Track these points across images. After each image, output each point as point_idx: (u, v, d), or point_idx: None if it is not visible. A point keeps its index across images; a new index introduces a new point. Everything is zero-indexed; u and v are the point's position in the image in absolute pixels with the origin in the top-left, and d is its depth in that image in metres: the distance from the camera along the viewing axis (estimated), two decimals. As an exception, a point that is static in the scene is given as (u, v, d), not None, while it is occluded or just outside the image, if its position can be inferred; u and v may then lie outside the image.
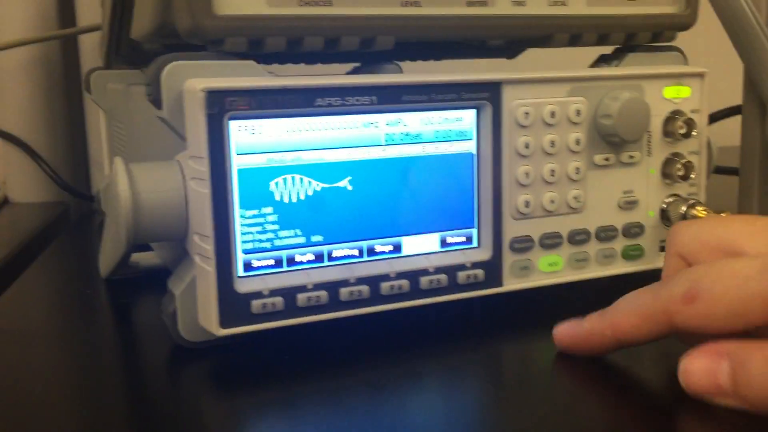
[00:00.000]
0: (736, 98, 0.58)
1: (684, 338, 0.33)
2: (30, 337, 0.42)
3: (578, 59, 0.47)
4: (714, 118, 0.52)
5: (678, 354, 0.31)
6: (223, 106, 0.35)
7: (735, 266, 0.29)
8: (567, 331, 0.36)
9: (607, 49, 0.47)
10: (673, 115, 0.44)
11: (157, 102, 0.36)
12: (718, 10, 0.58)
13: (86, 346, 0.42)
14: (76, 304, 0.50)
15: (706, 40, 0.56)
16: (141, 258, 0.51)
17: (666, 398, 0.33)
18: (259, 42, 0.37)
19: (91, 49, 0.78)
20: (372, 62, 0.42)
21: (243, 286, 0.36)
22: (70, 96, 0.80)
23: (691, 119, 0.44)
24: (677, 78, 0.44)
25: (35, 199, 0.79)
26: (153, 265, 0.50)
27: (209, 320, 0.36)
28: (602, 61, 0.47)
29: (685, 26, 0.45)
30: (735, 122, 0.57)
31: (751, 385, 0.28)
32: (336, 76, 0.37)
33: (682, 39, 0.47)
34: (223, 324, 0.36)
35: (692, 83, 0.45)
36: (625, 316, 0.33)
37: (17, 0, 0.76)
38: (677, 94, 0.44)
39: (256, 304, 0.36)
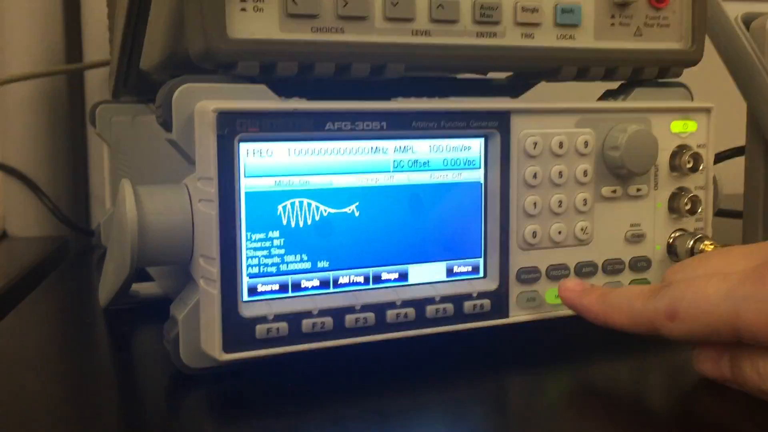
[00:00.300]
0: (740, 139, 0.58)
1: None
2: (26, 364, 0.41)
3: (584, 96, 0.47)
4: (717, 158, 0.53)
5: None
6: (233, 128, 0.35)
7: (707, 290, 0.32)
8: (569, 294, 0.39)
9: (613, 86, 0.48)
10: (680, 150, 0.44)
11: (167, 124, 0.36)
12: (720, 50, 0.59)
13: (84, 373, 0.41)
14: (74, 333, 0.49)
15: (709, 82, 0.57)
16: (141, 288, 0.50)
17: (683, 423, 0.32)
18: (270, 66, 0.37)
19: (96, 84, 0.79)
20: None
21: (248, 311, 0.36)
22: (73, 131, 0.80)
23: (697, 153, 0.44)
24: (684, 112, 0.44)
25: (34, 234, 0.79)
26: (153, 295, 0.50)
27: (212, 345, 0.35)
28: (608, 96, 0.47)
29: (691, 62, 0.46)
30: (737, 167, 0.58)
31: (746, 381, 0.33)
32: (346, 101, 0.37)
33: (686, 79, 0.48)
34: (227, 349, 0.35)
35: (699, 118, 0.45)
36: (617, 313, 0.36)
37: (25, 34, 0.76)
38: (684, 128, 0.44)
39: (260, 329, 0.36)
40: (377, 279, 0.39)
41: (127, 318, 0.49)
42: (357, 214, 0.38)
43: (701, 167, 0.44)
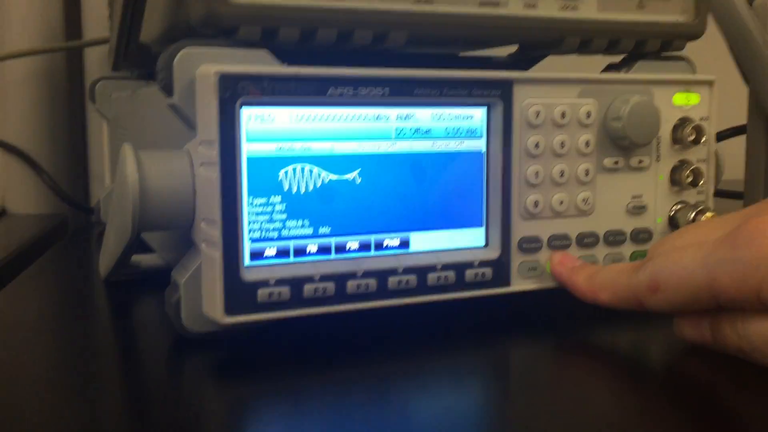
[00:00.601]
0: (741, 118, 0.58)
1: None
2: (24, 332, 0.41)
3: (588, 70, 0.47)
4: (718, 137, 0.52)
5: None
6: (235, 91, 0.34)
7: (684, 260, 0.33)
8: (560, 268, 0.41)
9: (616, 60, 0.47)
10: (682, 122, 0.44)
11: (168, 88, 0.36)
12: (723, 27, 0.59)
13: (84, 339, 0.41)
14: (74, 303, 0.49)
15: (711, 60, 0.56)
16: (142, 259, 0.50)
17: (676, 394, 0.32)
18: (272, 31, 0.37)
19: (96, 61, 0.78)
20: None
21: (249, 275, 0.36)
22: (73, 109, 0.80)
23: (700, 126, 0.44)
24: (687, 85, 0.44)
25: (33, 211, 0.79)
26: (154, 266, 0.50)
27: (214, 308, 0.35)
28: (611, 69, 0.47)
29: (694, 36, 0.46)
30: (738, 147, 0.58)
31: (726, 342, 0.34)
32: (348, 67, 0.37)
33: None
34: (228, 312, 0.35)
35: (701, 91, 0.45)
36: (603, 291, 0.37)
37: (24, 11, 0.76)
38: (686, 101, 0.44)
39: (262, 293, 0.36)
40: (379, 246, 0.39)
41: (128, 289, 0.49)
42: (359, 180, 0.38)
43: (703, 140, 0.44)
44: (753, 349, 0.32)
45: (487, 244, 0.41)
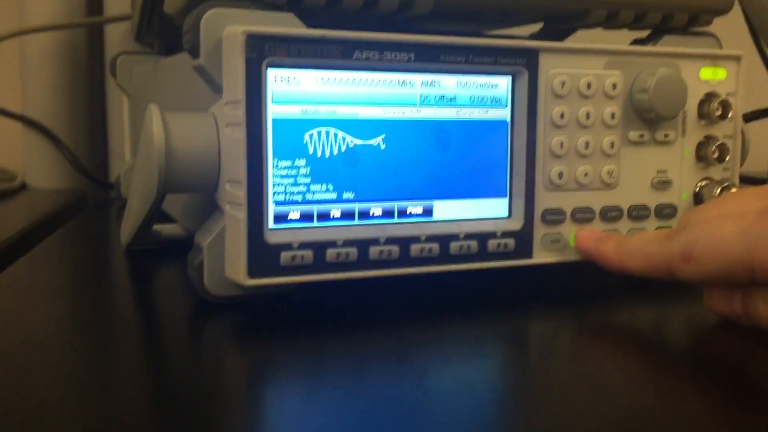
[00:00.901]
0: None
1: None
2: (41, 297, 0.41)
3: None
4: (745, 118, 0.52)
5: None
6: (262, 51, 0.34)
7: (723, 231, 0.32)
8: (585, 242, 0.40)
9: (642, 35, 0.47)
10: (709, 97, 0.44)
11: (194, 49, 0.36)
12: (746, 5, 0.58)
13: (104, 304, 0.41)
14: (94, 271, 0.49)
15: (742, 41, 0.56)
16: (163, 228, 0.50)
17: (697, 370, 0.32)
18: (299, -6, 0.37)
19: (116, 38, 0.78)
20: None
21: (273, 237, 0.36)
22: (93, 85, 0.80)
23: (726, 101, 0.44)
24: (714, 59, 0.44)
25: (54, 186, 0.79)
26: (175, 236, 0.50)
27: (237, 270, 0.35)
28: (637, 44, 0.47)
29: (722, 11, 0.45)
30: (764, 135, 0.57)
31: (759, 317, 0.33)
32: (374, 32, 0.37)
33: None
34: (251, 274, 0.35)
35: (729, 66, 0.44)
36: (632, 258, 0.37)
37: (46, -15, 0.76)
38: (713, 75, 0.44)
39: (285, 256, 0.36)
40: (402, 213, 0.39)
41: (149, 257, 0.49)
42: (383, 146, 0.38)
43: (729, 115, 0.44)
44: None
45: (510, 215, 0.41)
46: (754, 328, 0.34)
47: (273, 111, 0.35)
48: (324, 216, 0.37)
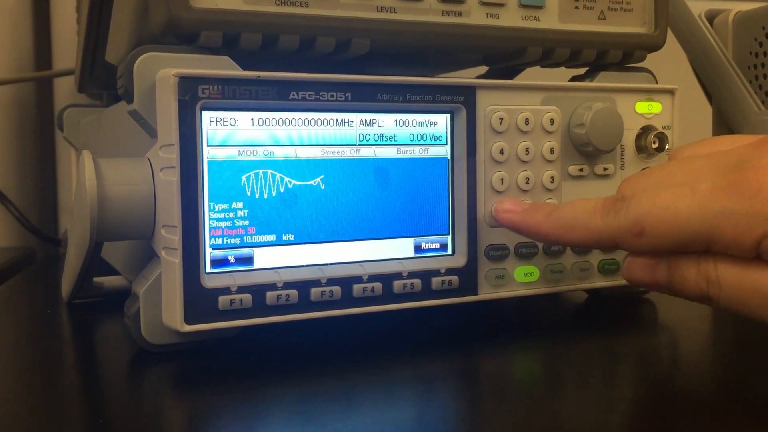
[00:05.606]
0: (705, 133, 0.59)
1: None
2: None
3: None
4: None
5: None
6: (195, 93, 0.34)
7: (677, 206, 0.31)
8: (510, 215, 0.39)
9: (580, 72, 0.48)
10: (645, 130, 0.44)
11: (128, 94, 0.36)
12: (685, 46, 0.60)
13: (43, 356, 0.40)
14: (35, 323, 0.48)
15: (674, 75, 0.57)
16: (105, 280, 0.49)
17: (654, 404, 0.32)
18: (234, 38, 0.37)
19: (65, 92, 0.78)
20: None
21: (210, 282, 0.35)
22: (42, 140, 0.79)
23: (663, 134, 0.44)
24: (648, 93, 0.45)
25: (1, 243, 0.77)
26: (118, 287, 0.49)
27: (174, 317, 0.34)
28: (575, 80, 0.47)
29: (654, 47, 0.46)
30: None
31: (685, 286, 0.32)
32: (310, 73, 0.37)
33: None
34: (188, 320, 0.34)
35: (663, 99, 0.45)
36: (571, 231, 0.35)
37: (-7, 41, 0.76)
38: (649, 109, 0.45)
39: (223, 301, 0.35)
40: (343, 253, 0.38)
41: (91, 309, 0.48)
42: (323, 186, 0.38)
43: (666, 147, 0.45)
44: (721, 293, 0.31)
45: (453, 252, 0.41)
46: (673, 296, 0.34)
47: (208, 153, 0.35)
48: (263, 258, 0.37)
